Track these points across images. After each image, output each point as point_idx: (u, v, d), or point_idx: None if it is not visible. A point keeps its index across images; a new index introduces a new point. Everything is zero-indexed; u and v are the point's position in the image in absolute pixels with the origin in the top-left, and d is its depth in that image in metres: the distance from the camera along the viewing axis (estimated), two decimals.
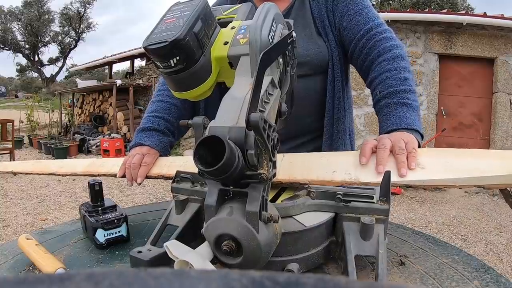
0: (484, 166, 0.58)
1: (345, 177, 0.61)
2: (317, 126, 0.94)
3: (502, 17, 5.19)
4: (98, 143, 7.08)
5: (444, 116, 5.61)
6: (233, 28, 0.57)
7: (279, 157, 0.45)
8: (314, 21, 0.91)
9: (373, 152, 0.65)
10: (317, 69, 0.90)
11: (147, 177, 0.80)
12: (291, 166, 0.67)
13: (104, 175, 0.84)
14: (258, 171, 0.41)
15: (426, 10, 5.78)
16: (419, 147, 0.68)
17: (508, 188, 0.67)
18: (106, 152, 6.53)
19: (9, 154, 5.33)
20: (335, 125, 0.92)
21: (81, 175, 0.87)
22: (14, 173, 0.96)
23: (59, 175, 0.88)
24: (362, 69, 0.88)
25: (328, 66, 0.90)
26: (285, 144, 0.95)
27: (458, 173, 0.58)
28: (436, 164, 0.61)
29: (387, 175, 0.54)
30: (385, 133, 0.72)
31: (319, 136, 0.95)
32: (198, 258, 0.42)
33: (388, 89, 0.78)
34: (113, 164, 0.86)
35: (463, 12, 6.61)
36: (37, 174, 0.92)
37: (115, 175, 0.82)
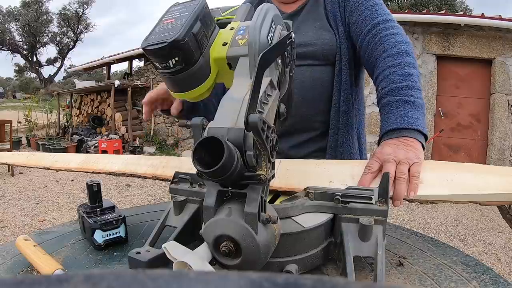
0: (482, 183, 0.57)
1: (341, 188, 0.61)
2: (322, 120, 0.94)
3: (499, 18, 5.22)
4: (96, 144, 7.07)
5: (442, 117, 5.63)
6: (232, 29, 0.57)
7: (275, 163, 0.45)
8: (327, 15, 0.93)
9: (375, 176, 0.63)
10: (324, 59, 0.91)
11: (140, 177, 0.80)
12: (288, 173, 0.67)
13: (99, 172, 0.84)
14: (257, 172, 0.41)
15: (424, 11, 5.80)
16: (423, 147, 0.67)
17: (505, 205, 0.67)
18: (104, 153, 6.52)
19: None
20: (341, 117, 0.91)
21: (75, 171, 0.87)
22: (9, 166, 0.96)
23: (53, 169, 0.88)
24: (368, 65, 0.87)
25: (336, 58, 0.90)
26: (288, 141, 0.95)
27: (456, 189, 0.57)
28: (434, 178, 0.60)
29: (386, 176, 0.54)
30: (385, 133, 0.71)
31: (323, 134, 0.94)
32: (197, 259, 0.42)
33: (390, 86, 0.75)
34: (107, 162, 0.85)
35: (461, 13, 6.64)
36: (31, 167, 0.92)
37: (110, 173, 0.82)
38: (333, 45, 0.90)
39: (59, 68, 26.95)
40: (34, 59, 25.72)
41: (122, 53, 8.90)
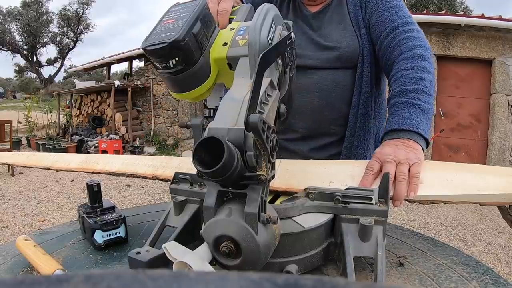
0: (482, 183, 0.57)
1: (341, 188, 0.61)
2: (343, 124, 0.93)
3: (499, 18, 5.22)
4: (96, 144, 7.07)
5: (442, 117, 5.63)
6: (232, 29, 0.57)
7: (275, 163, 0.45)
8: (350, 16, 0.92)
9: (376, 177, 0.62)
10: (347, 62, 0.90)
11: (140, 177, 0.80)
12: (288, 173, 0.67)
13: (99, 172, 0.84)
14: (257, 173, 0.41)
15: (424, 11, 5.80)
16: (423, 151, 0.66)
17: (506, 205, 0.67)
18: (104, 153, 6.52)
19: None
20: (358, 120, 0.91)
21: (75, 171, 0.87)
22: (9, 166, 0.96)
23: (53, 170, 0.88)
24: (386, 68, 0.86)
25: (358, 60, 0.89)
26: (309, 143, 0.95)
27: (456, 189, 0.57)
28: (434, 178, 0.60)
29: (386, 176, 0.54)
30: (386, 133, 0.71)
31: (344, 138, 0.94)
32: (197, 259, 0.42)
33: (399, 87, 0.75)
34: (107, 162, 0.85)
35: (461, 13, 6.64)
36: (31, 167, 0.92)
37: (110, 173, 0.82)
38: (356, 47, 0.89)
39: (59, 68, 26.96)
40: (34, 59, 25.70)
41: (123, 53, 8.90)
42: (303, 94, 0.90)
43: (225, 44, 0.54)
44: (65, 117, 9.48)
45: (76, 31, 24.75)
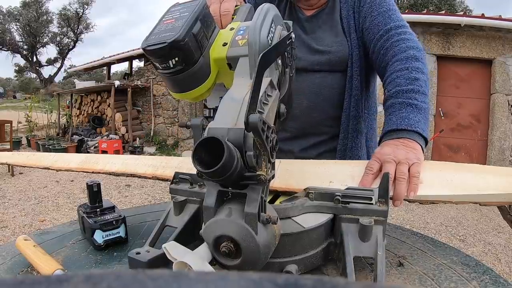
0: (482, 183, 0.57)
1: (341, 188, 0.61)
2: (332, 125, 0.95)
3: (500, 18, 5.22)
4: (96, 144, 7.07)
5: (442, 117, 5.63)
6: (232, 29, 0.57)
7: (275, 163, 0.45)
8: (342, 21, 0.94)
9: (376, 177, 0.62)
10: (336, 66, 0.92)
11: (140, 177, 0.80)
12: (288, 173, 0.67)
13: (99, 172, 0.84)
14: (257, 173, 0.41)
15: (424, 11, 5.80)
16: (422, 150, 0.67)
17: (506, 205, 0.67)
18: (104, 153, 6.52)
19: None
20: (350, 122, 0.93)
21: (75, 171, 0.87)
22: (9, 166, 0.96)
23: (53, 169, 0.88)
24: (379, 70, 0.87)
25: (347, 64, 0.91)
26: (299, 143, 0.97)
27: (456, 189, 0.57)
28: (434, 178, 0.60)
29: (386, 176, 0.54)
30: (385, 134, 0.71)
31: (333, 137, 0.96)
32: (197, 259, 0.42)
33: (395, 88, 0.76)
34: (107, 162, 0.85)
35: (461, 13, 6.64)
36: (31, 167, 0.92)
37: (110, 173, 0.82)
38: (345, 53, 0.91)
39: (59, 68, 26.95)
40: (34, 59, 25.69)
41: (122, 53, 8.90)
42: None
43: (225, 44, 0.54)
44: (65, 117, 9.48)
45: (76, 31, 24.73)
